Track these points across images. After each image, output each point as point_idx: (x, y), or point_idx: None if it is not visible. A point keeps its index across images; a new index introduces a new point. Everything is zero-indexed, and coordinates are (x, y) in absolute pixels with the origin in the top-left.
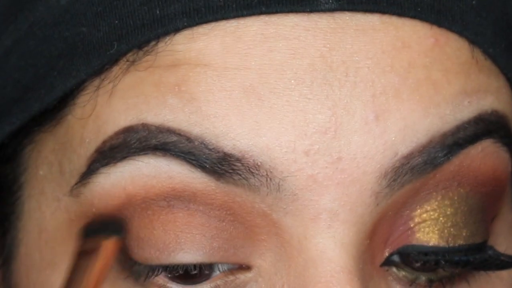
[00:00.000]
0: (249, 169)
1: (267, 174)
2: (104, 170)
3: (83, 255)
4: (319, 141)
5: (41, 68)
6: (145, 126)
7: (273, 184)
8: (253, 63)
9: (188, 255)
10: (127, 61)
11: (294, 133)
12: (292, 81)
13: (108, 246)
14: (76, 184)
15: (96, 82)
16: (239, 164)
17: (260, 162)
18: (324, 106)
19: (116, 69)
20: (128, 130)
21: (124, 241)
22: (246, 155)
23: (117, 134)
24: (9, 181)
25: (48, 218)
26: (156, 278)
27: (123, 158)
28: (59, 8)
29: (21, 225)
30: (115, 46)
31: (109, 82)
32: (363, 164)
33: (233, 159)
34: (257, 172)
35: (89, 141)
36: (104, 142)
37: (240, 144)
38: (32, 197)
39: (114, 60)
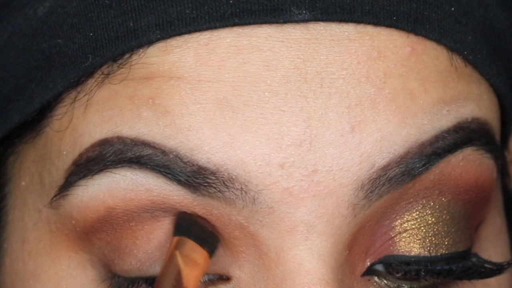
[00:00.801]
0: (223, 182)
1: (241, 188)
2: (82, 182)
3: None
4: (294, 154)
5: (21, 79)
6: (120, 139)
7: (248, 197)
8: (226, 75)
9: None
10: (102, 74)
11: (269, 146)
12: (266, 93)
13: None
14: (55, 196)
15: (72, 94)
16: (213, 178)
17: (235, 175)
18: (299, 118)
19: (91, 82)
20: (104, 143)
21: (103, 253)
22: (220, 168)
23: (93, 146)
24: None
25: (30, 229)
26: None
27: (100, 170)
28: (37, 19)
29: (6, 236)
30: (90, 59)
31: (84, 95)
32: (339, 176)
33: (207, 172)
34: (231, 185)
35: (66, 154)
36: (81, 155)
37: (214, 157)
38: (15, 207)
39: (89, 73)
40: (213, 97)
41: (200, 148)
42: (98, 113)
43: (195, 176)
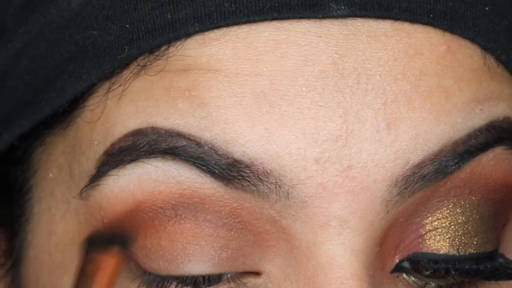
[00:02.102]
0: (258, 176)
1: (276, 182)
2: (114, 172)
3: (86, 270)
4: (329, 149)
5: (51, 71)
6: (154, 130)
7: (282, 191)
8: (264, 69)
9: (196, 267)
10: (138, 65)
11: (305, 141)
12: (303, 88)
13: (109, 262)
14: (85, 186)
15: (106, 85)
16: (248, 171)
17: (270, 169)
18: (335, 114)
19: (126, 73)
20: (138, 133)
21: (132, 251)
22: (255, 162)
23: (126, 136)
24: (19, 183)
25: (58, 220)
26: (167, 286)
27: (132, 160)
28: (70, 11)
29: (31, 228)
30: (126, 50)
31: (119, 86)
32: (374, 172)
33: (242, 166)
34: (266, 179)
35: (98, 144)
36: (113, 145)
37: (250, 151)
38: (42, 199)
39: (124, 64)
40: (250, 91)
41: (235, 141)
42: (132, 103)
43: (229, 169)
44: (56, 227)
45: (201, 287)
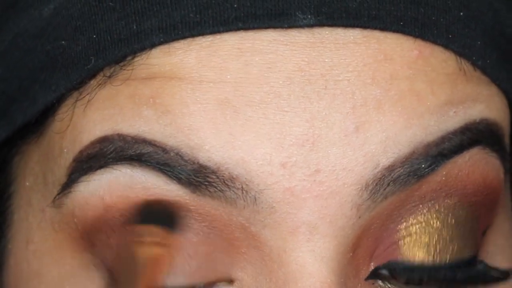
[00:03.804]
0: (224, 182)
1: (242, 187)
2: (84, 178)
3: None
4: (296, 154)
5: (25, 80)
6: (120, 137)
7: (249, 197)
8: (228, 76)
9: (168, 279)
10: (104, 75)
11: (270, 146)
12: (269, 94)
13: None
14: (58, 194)
15: (74, 95)
16: (214, 177)
17: (236, 174)
18: (302, 119)
19: (93, 83)
20: (104, 140)
21: (106, 257)
22: (221, 167)
23: (93, 143)
24: (1, 189)
25: (35, 229)
26: None
27: (101, 167)
28: (42, 20)
29: (10, 235)
30: (93, 61)
31: (86, 95)
32: (343, 176)
33: (208, 171)
34: (232, 184)
35: (67, 151)
36: (81, 152)
37: (215, 156)
38: (20, 207)
39: (91, 75)
40: (214, 98)
41: (200, 147)
42: (98, 111)
43: (195, 175)
44: (33, 235)
45: None
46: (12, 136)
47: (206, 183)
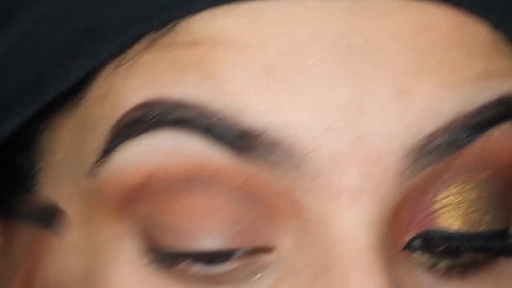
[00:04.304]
0: (268, 146)
1: (287, 151)
2: (122, 146)
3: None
4: (341, 119)
5: (58, 52)
6: (162, 101)
7: (293, 161)
8: (273, 42)
9: (209, 242)
10: (146, 41)
11: (316, 110)
12: (313, 60)
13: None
14: (94, 163)
15: (114, 62)
16: (258, 141)
17: (280, 139)
18: (346, 85)
19: (135, 49)
20: (146, 105)
21: (143, 227)
22: (265, 132)
23: (134, 109)
24: (25, 168)
25: (67, 201)
26: (179, 264)
27: (140, 133)
28: None
29: None
30: (135, 27)
31: (127, 61)
32: (386, 143)
33: (252, 136)
34: (276, 149)
35: (107, 118)
36: (121, 118)
37: (260, 120)
38: (49, 181)
39: (133, 41)
40: (259, 63)
41: (245, 111)
42: (140, 77)
43: (239, 139)
44: (65, 207)
45: (213, 264)
46: (43, 110)
47: (250, 147)
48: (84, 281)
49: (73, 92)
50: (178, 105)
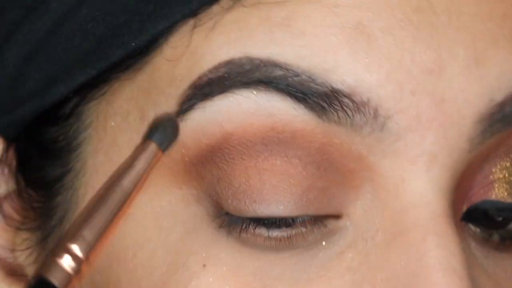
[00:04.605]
0: (356, 106)
1: (373, 112)
2: (200, 105)
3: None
4: (424, 81)
5: (121, 16)
6: (249, 59)
7: (378, 122)
8: (363, 1)
9: (284, 208)
10: None
11: (402, 72)
12: (401, 21)
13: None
14: None
15: (191, 22)
16: (346, 100)
17: (368, 98)
18: (430, 48)
19: (216, 7)
20: (230, 63)
21: (213, 190)
22: (354, 91)
23: (217, 67)
24: (66, 140)
25: None
26: (248, 228)
27: (222, 92)
28: None
29: (83, 182)
30: None
31: (209, 20)
32: (463, 108)
33: (341, 95)
34: (363, 109)
35: (182, 79)
36: (201, 77)
37: (350, 79)
38: (99, 151)
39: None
40: (349, 21)
41: (335, 70)
42: (224, 34)
43: (326, 98)
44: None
45: (279, 228)
46: (103, 73)
47: (337, 106)
48: (146, 248)
49: (140, 55)
50: (265, 64)
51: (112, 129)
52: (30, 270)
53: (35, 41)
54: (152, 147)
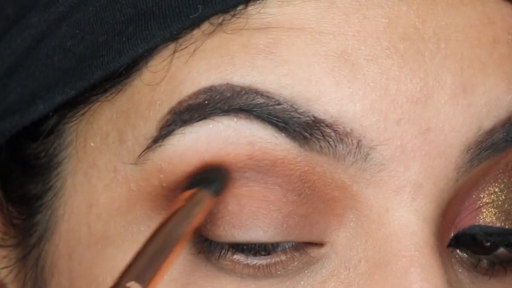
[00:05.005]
0: (339, 136)
1: (356, 142)
2: (179, 131)
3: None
4: (409, 111)
5: (101, 36)
6: (230, 86)
7: (361, 152)
8: (348, 29)
9: (264, 234)
10: (211, 24)
11: (387, 102)
12: (387, 49)
13: (209, 202)
14: (146, 148)
15: (171, 46)
16: (329, 130)
17: (351, 129)
18: (416, 76)
19: (197, 32)
20: (210, 90)
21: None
22: (337, 121)
23: (197, 94)
24: (46, 157)
25: (101, 191)
26: (227, 255)
27: (202, 118)
28: None
29: (62, 201)
30: (200, 10)
31: (190, 44)
32: (450, 137)
33: (323, 125)
34: (346, 139)
35: (161, 103)
36: (180, 103)
37: (332, 109)
38: (78, 171)
39: (196, 24)
40: (333, 50)
41: (318, 99)
42: (204, 60)
43: (309, 128)
44: (98, 197)
45: (260, 255)
46: (82, 94)
47: (319, 137)
48: None
49: (119, 77)
50: (246, 92)
51: (92, 150)
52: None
53: (16, 55)
54: (206, 196)
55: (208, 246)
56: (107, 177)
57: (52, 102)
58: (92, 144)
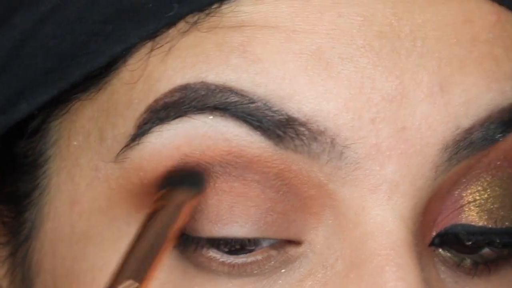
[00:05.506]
0: (312, 135)
1: (330, 141)
2: (157, 129)
3: (157, 208)
4: (385, 109)
5: (81, 35)
6: (204, 85)
7: (335, 151)
8: (322, 27)
9: (241, 229)
10: (187, 22)
11: (361, 100)
12: (362, 47)
13: (190, 203)
14: (124, 147)
15: (148, 44)
16: (302, 129)
17: (325, 127)
18: (392, 74)
19: (173, 31)
20: (185, 88)
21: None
22: (311, 120)
23: (172, 92)
24: (33, 155)
25: (83, 189)
26: (203, 250)
27: (178, 116)
28: None
29: (47, 200)
30: (175, 9)
31: (166, 43)
32: (427, 135)
33: (296, 123)
34: (320, 138)
35: (138, 102)
36: (157, 101)
37: (306, 108)
38: (62, 169)
39: (172, 23)
40: (307, 48)
41: (291, 98)
42: (179, 59)
43: (283, 126)
44: (80, 196)
45: (237, 253)
46: (59, 95)
47: (294, 135)
48: (104, 271)
49: (98, 76)
50: (220, 90)
51: (75, 149)
52: (3, 283)
53: (1, 56)
54: (191, 193)
55: (184, 241)
56: (89, 175)
57: (36, 101)
58: (75, 143)
